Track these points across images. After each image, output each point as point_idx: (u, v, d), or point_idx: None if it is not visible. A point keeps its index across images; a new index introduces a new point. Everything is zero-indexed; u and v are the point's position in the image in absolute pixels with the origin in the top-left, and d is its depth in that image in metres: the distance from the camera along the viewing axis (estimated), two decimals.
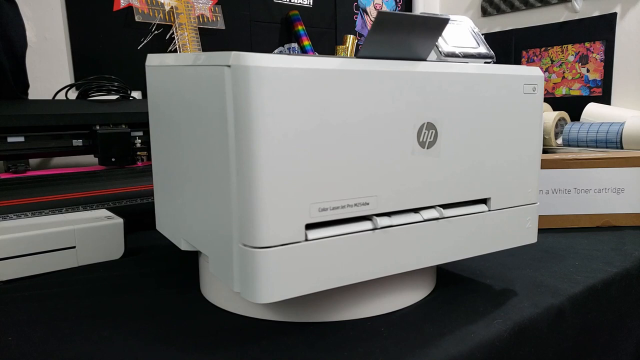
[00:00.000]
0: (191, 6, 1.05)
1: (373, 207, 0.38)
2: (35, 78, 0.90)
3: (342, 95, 0.35)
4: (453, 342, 0.38)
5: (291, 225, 0.34)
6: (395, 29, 0.37)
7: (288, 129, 0.33)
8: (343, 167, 0.36)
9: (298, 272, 0.35)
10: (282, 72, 0.33)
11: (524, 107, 0.46)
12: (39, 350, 0.38)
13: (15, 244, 0.54)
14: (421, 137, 0.40)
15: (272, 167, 0.33)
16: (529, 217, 0.48)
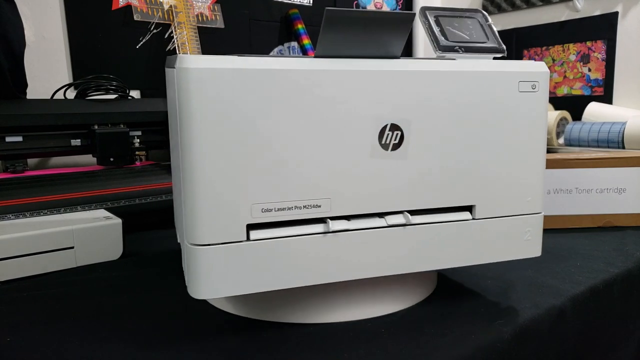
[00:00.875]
0: (190, 5, 1.05)
1: (326, 209, 0.37)
2: (34, 77, 0.89)
3: (287, 95, 0.35)
4: (454, 343, 0.38)
5: (231, 225, 0.35)
6: (351, 26, 0.35)
7: (226, 130, 0.34)
8: (289, 169, 0.35)
9: (240, 271, 0.36)
10: (221, 73, 0.33)
11: (519, 106, 0.41)
12: (38, 350, 0.38)
13: (13, 244, 0.53)
14: (384, 139, 0.38)
15: (209, 167, 0.34)
16: (528, 228, 0.43)
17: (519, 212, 0.43)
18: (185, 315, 0.44)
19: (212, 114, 0.33)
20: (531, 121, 0.42)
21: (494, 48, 0.45)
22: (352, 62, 0.37)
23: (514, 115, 0.41)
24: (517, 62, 0.42)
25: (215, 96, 0.33)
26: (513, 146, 0.42)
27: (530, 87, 0.42)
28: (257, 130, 0.34)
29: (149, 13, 1.01)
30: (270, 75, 0.34)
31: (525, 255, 0.44)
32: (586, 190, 0.69)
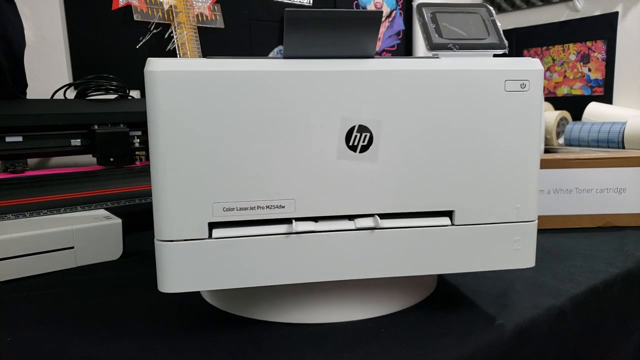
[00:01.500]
0: (190, 5, 1.05)
1: (290, 210, 0.37)
2: (34, 77, 0.89)
3: (249, 96, 0.35)
4: (454, 343, 0.38)
5: (193, 223, 0.36)
6: (316, 27, 0.35)
7: (189, 130, 0.35)
8: (252, 169, 0.36)
9: (203, 267, 0.37)
10: (186, 76, 0.34)
11: (506, 107, 0.38)
12: (38, 351, 0.38)
13: (13, 244, 0.53)
14: (351, 140, 0.37)
15: (173, 166, 0.35)
16: (517, 237, 0.40)
17: (506, 219, 0.40)
18: (185, 316, 0.44)
19: (176, 115, 0.35)
20: (521, 123, 0.39)
21: (493, 44, 0.42)
22: (318, 62, 0.36)
23: (500, 117, 0.39)
24: (509, 59, 0.39)
25: (179, 98, 0.35)
26: (499, 150, 0.39)
27: (519, 87, 0.39)
28: (219, 131, 0.35)
29: (149, 13, 1.01)
30: (234, 77, 0.35)
31: (516, 266, 0.41)
32: (586, 190, 0.69)
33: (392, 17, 1.48)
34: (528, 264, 0.41)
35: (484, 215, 0.40)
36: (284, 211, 0.37)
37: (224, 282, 0.37)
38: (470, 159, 0.39)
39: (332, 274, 0.39)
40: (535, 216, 0.41)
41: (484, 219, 0.40)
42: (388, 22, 1.48)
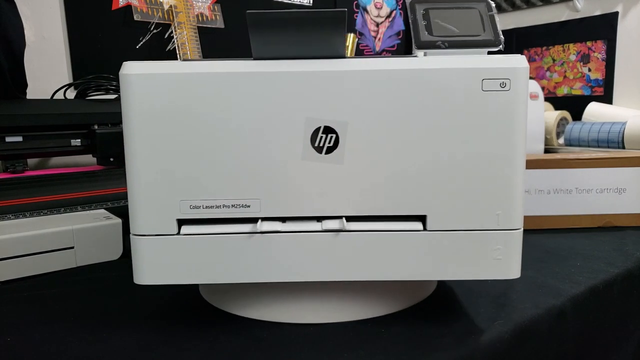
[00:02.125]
0: (190, 5, 1.05)
1: (255, 210, 0.38)
2: (34, 77, 0.89)
3: (216, 97, 0.36)
4: (454, 343, 0.38)
5: (163, 219, 0.38)
6: (280, 28, 0.35)
7: (157, 130, 0.37)
8: (217, 168, 0.37)
9: (172, 262, 0.39)
10: (153, 78, 0.36)
11: (484, 108, 0.36)
12: (38, 351, 0.38)
13: (13, 244, 0.53)
14: (317, 141, 0.37)
15: (143, 164, 0.37)
16: (498, 245, 0.38)
17: (484, 226, 0.38)
18: (185, 315, 0.44)
19: (146, 116, 0.36)
20: (502, 125, 0.36)
21: (487, 41, 0.40)
22: (283, 63, 0.36)
23: (477, 118, 0.36)
24: (491, 57, 0.37)
25: (149, 100, 0.36)
26: (476, 153, 0.37)
27: (498, 86, 0.36)
28: (186, 131, 0.37)
29: (149, 13, 1.01)
30: (199, 79, 0.36)
31: (497, 276, 0.38)
32: (586, 190, 0.69)
33: (392, 17, 1.48)
34: (511, 275, 0.39)
35: (460, 221, 0.38)
36: (249, 210, 0.38)
37: (191, 277, 0.39)
38: (444, 162, 0.37)
39: (298, 275, 0.39)
40: (519, 224, 0.38)
41: (459, 225, 0.38)
42: (388, 22, 1.48)
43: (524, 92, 0.37)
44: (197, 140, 0.37)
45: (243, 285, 0.42)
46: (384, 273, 0.39)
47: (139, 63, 0.36)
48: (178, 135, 0.37)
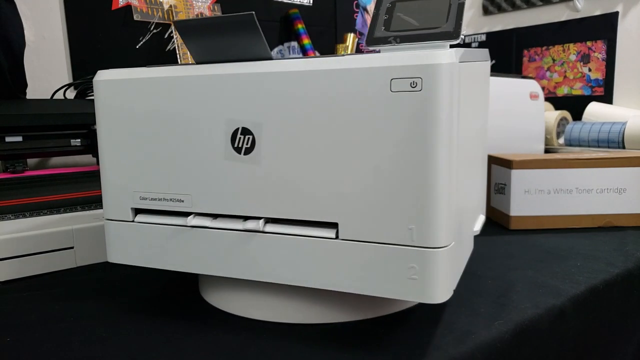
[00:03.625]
0: (190, 5, 1.05)
1: (187, 205, 0.41)
2: (34, 77, 0.89)
3: (156, 100, 0.41)
4: (454, 343, 0.38)
5: (121, 206, 0.44)
6: (203, 33, 0.38)
7: (117, 129, 0.42)
8: (158, 165, 0.41)
9: (129, 245, 0.44)
10: (113, 84, 0.42)
11: (393, 110, 0.33)
12: (37, 351, 0.38)
13: (13, 244, 0.53)
14: (236, 142, 0.38)
15: (108, 159, 0.43)
16: (412, 264, 0.34)
17: (396, 241, 0.35)
18: (185, 316, 0.44)
19: (108, 117, 0.43)
20: (414, 129, 0.33)
21: (443, 34, 0.36)
22: (210, 67, 0.39)
23: (387, 122, 0.33)
24: (402, 54, 0.33)
25: (111, 103, 0.42)
26: (388, 160, 0.34)
27: (408, 86, 0.33)
28: (135, 130, 0.42)
29: (148, 13, 1.01)
30: (147, 83, 0.41)
31: (413, 298, 0.35)
32: (586, 190, 0.69)
33: None
34: (431, 299, 0.34)
35: (371, 233, 0.35)
36: (183, 205, 0.41)
37: (144, 261, 0.44)
38: (354, 168, 0.35)
39: (222, 270, 0.40)
40: (440, 242, 0.34)
41: (371, 236, 0.35)
42: None
43: (443, 91, 0.32)
44: (142, 139, 0.41)
45: (243, 286, 0.42)
46: (297, 278, 0.38)
47: (109, 70, 0.42)
48: (130, 134, 0.42)
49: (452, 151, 0.33)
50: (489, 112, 0.53)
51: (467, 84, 0.37)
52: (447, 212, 0.34)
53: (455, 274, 0.38)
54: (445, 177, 0.33)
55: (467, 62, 0.37)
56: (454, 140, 0.33)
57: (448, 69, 0.32)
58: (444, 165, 0.33)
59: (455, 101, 0.33)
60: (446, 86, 0.32)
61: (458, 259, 0.39)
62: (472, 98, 0.41)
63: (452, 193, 0.34)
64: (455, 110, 0.33)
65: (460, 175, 0.37)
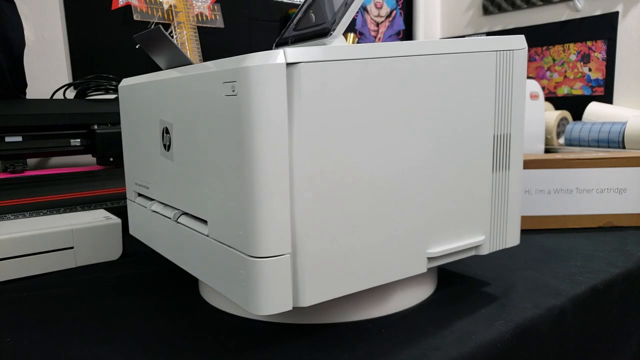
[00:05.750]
0: (190, 5, 1.05)
1: (150, 192, 0.48)
2: (33, 77, 0.89)
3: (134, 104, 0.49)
4: (454, 343, 0.38)
5: (130, 189, 0.53)
6: (148, 44, 0.43)
7: (124, 127, 0.53)
8: (138, 157, 0.50)
9: (135, 222, 0.53)
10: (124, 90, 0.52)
11: (222, 114, 0.33)
12: (37, 351, 0.38)
13: (13, 244, 0.53)
14: (164, 139, 0.43)
15: (125, 149, 0.54)
16: (241, 270, 0.34)
17: (234, 245, 0.34)
18: (184, 316, 0.44)
19: (122, 118, 0.53)
20: (234, 134, 0.32)
21: (317, 31, 0.36)
22: (157, 74, 0.45)
23: (221, 127, 0.34)
24: (239, 57, 0.33)
25: (122, 106, 0.52)
26: (223, 164, 0.34)
27: (230, 90, 0.32)
28: (128, 128, 0.51)
29: (148, 13, 1.01)
30: (136, 88, 0.48)
31: (242, 304, 0.34)
32: (586, 190, 0.69)
33: (392, 17, 1.48)
34: (255, 309, 0.33)
35: (222, 234, 0.36)
36: (148, 191, 0.49)
37: (139, 235, 0.52)
38: (210, 170, 0.36)
39: (164, 251, 0.47)
40: (263, 252, 0.32)
41: (222, 237, 0.36)
42: (388, 21, 1.48)
43: (259, 95, 0.31)
44: (132, 135, 0.50)
45: None
46: (192, 269, 0.42)
47: (130, 78, 0.51)
48: (127, 132, 0.52)
49: (282, 159, 0.32)
50: None
51: (371, 84, 0.35)
52: (272, 221, 0.32)
53: (308, 286, 0.35)
54: (271, 185, 0.32)
55: (363, 59, 0.34)
56: (283, 147, 0.32)
57: (261, 71, 0.31)
58: (266, 172, 0.32)
59: (281, 106, 0.32)
60: (261, 90, 0.31)
61: (320, 273, 0.35)
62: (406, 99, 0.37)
63: (282, 202, 0.33)
64: (282, 116, 0.32)
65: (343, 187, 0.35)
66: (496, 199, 0.45)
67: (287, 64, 0.31)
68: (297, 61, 0.31)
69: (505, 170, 0.45)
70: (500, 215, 0.46)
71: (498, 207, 0.45)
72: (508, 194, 0.46)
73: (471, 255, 0.44)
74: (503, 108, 0.44)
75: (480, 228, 0.44)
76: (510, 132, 0.45)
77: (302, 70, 0.32)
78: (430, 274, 0.47)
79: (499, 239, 0.46)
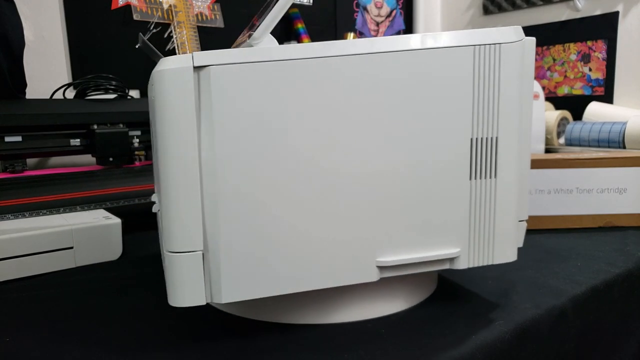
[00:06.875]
0: (190, 4, 1.04)
1: None
2: (33, 77, 0.89)
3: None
4: (454, 344, 0.38)
5: None
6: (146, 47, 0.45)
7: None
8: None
9: None
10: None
11: (152, 117, 0.38)
12: (37, 351, 0.38)
13: (12, 244, 0.53)
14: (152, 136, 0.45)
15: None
16: (167, 264, 0.37)
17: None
18: (184, 316, 0.44)
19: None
20: (156, 135, 0.36)
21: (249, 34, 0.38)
22: None
23: (153, 127, 0.39)
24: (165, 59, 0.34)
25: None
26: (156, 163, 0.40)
27: (153, 92, 0.35)
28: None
29: (148, 12, 1.01)
30: None
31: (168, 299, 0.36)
32: (587, 190, 0.69)
33: (393, 17, 1.48)
34: (170, 301, 0.36)
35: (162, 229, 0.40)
36: None
37: None
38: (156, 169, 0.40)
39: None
40: (173, 247, 0.35)
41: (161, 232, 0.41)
42: (388, 21, 1.48)
43: (167, 97, 0.33)
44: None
45: None
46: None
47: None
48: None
49: (191, 159, 0.34)
50: None
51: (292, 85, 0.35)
52: (182, 218, 0.34)
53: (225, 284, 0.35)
54: (180, 184, 0.34)
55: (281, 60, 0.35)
56: (192, 147, 0.34)
57: (170, 74, 0.32)
58: (175, 172, 0.33)
59: (190, 107, 0.33)
60: (170, 92, 0.33)
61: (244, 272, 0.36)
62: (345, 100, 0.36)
63: (192, 201, 0.34)
64: (191, 117, 0.33)
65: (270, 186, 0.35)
66: (478, 209, 0.40)
67: (194, 67, 0.33)
68: (206, 64, 0.33)
69: (490, 178, 0.40)
70: (484, 227, 0.41)
71: (481, 219, 0.40)
72: (495, 204, 0.40)
73: (445, 268, 0.41)
74: (485, 109, 0.39)
75: (454, 240, 0.40)
76: (496, 136, 0.39)
77: (212, 73, 0.33)
78: (430, 274, 0.47)
79: (483, 253, 0.41)
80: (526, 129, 0.42)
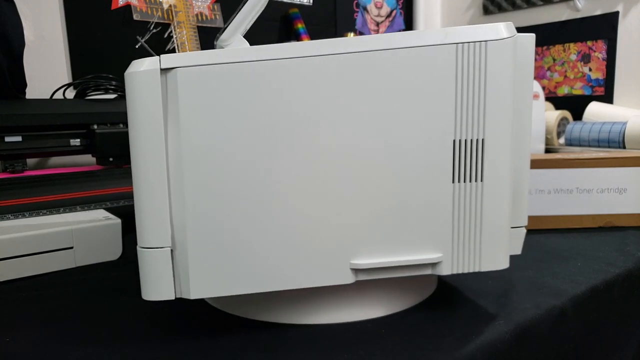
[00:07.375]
0: (190, 4, 1.04)
1: None
2: (33, 77, 0.89)
3: None
4: (454, 344, 0.38)
5: None
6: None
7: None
8: None
9: None
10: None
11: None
12: (38, 350, 0.38)
13: (12, 244, 0.53)
14: None
15: None
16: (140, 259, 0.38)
17: None
18: (184, 316, 0.44)
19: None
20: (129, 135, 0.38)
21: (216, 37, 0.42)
22: None
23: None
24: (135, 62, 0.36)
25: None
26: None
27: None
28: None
29: (148, 12, 1.01)
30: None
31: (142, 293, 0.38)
32: (587, 190, 0.69)
33: (393, 17, 1.48)
34: (143, 295, 0.37)
35: None
36: None
37: None
38: None
39: None
40: (144, 243, 0.36)
41: None
42: (388, 21, 1.48)
43: (136, 98, 0.34)
44: None
45: None
46: None
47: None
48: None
49: (158, 158, 0.35)
50: None
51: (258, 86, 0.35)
52: (150, 215, 0.36)
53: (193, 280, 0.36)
54: (148, 182, 0.35)
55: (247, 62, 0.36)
56: (159, 146, 0.35)
57: (138, 76, 0.34)
58: (143, 170, 0.35)
59: (157, 107, 0.34)
60: (138, 92, 0.34)
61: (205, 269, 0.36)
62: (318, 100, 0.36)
63: (160, 198, 0.35)
64: (158, 117, 0.35)
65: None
66: (462, 213, 0.39)
67: (162, 69, 0.34)
68: (172, 66, 0.34)
69: (475, 181, 0.38)
70: (470, 233, 0.39)
71: (465, 224, 0.39)
72: (482, 209, 0.39)
73: (426, 273, 0.40)
74: (470, 110, 0.37)
75: (436, 245, 0.39)
76: (482, 138, 0.37)
77: (178, 75, 0.34)
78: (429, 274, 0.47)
79: (468, 259, 0.39)
80: (526, 130, 0.41)
